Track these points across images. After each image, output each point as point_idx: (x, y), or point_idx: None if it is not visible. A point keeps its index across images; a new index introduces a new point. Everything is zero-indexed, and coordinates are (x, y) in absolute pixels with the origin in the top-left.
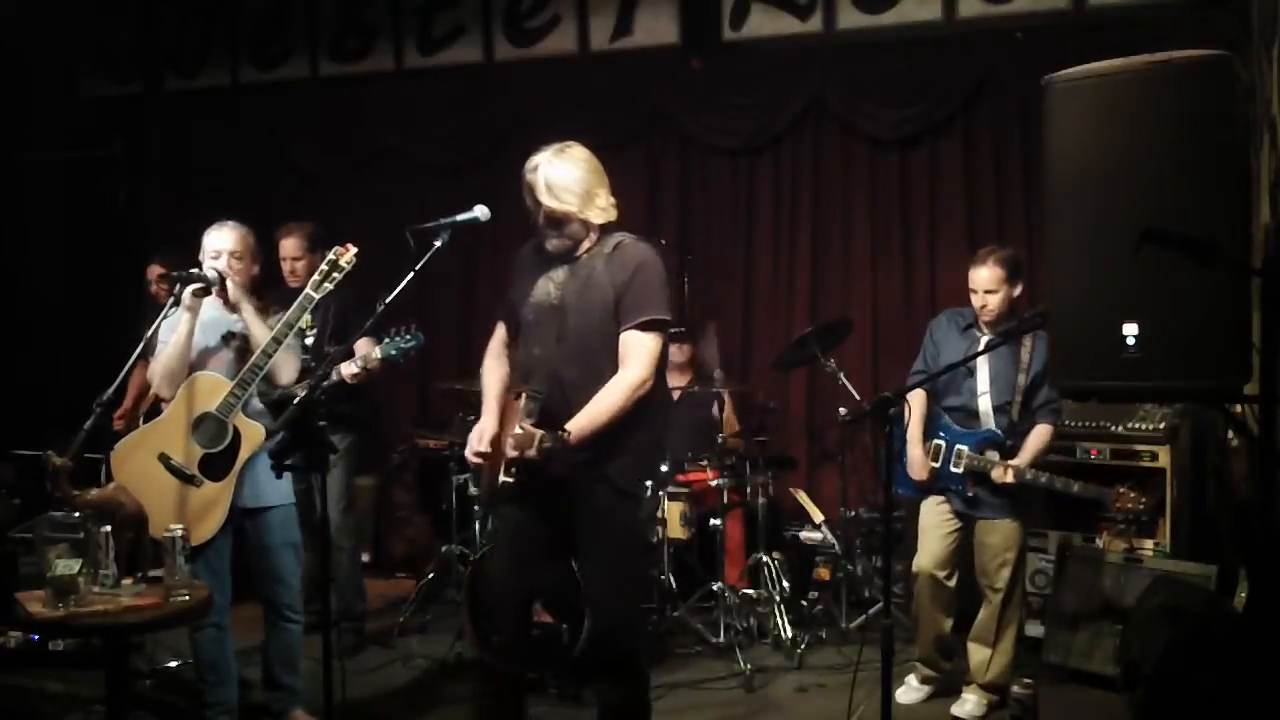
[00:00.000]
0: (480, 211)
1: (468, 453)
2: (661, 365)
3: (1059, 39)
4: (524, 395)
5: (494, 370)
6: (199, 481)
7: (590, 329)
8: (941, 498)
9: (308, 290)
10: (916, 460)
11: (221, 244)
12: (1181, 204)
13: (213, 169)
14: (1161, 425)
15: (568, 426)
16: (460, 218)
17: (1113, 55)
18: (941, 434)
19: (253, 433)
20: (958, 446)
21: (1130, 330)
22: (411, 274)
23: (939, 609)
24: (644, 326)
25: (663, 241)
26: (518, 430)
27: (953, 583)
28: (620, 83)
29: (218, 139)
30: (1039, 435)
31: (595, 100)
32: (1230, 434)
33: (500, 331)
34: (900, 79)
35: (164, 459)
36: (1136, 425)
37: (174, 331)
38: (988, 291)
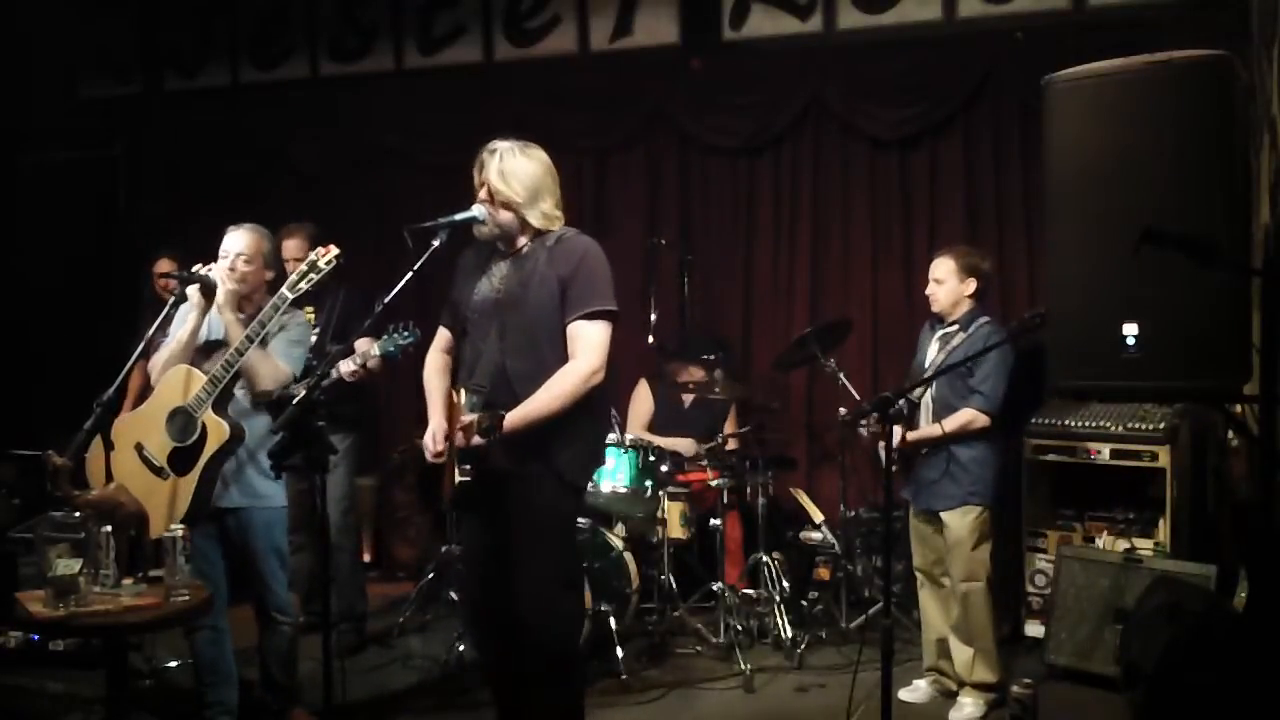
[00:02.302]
0: (479, 210)
1: (428, 457)
2: (611, 357)
3: (1059, 39)
4: (464, 390)
5: (437, 373)
6: (166, 474)
7: (534, 322)
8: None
9: (283, 290)
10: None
11: (232, 245)
12: (1181, 204)
13: (213, 169)
14: (1161, 425)
15: (514, 417)
16: (459, 217)
17: (1113, 55)
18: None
19: (217, 429)
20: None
21: (1130, 330)
22: (410, 273)
23: (938, 608)
24: (591, 317)
25: (663, 241)
26: (467, 424)
27: (949, 581)
28: (620, 83)
29: (218, 139)
30: (956, 417)
31: (595, 100)
32: (1230, 434)
33: (443, 334)
34: (900, 79)
35: (139, 449)
36: (1136, 425)
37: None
38: (935, 280)
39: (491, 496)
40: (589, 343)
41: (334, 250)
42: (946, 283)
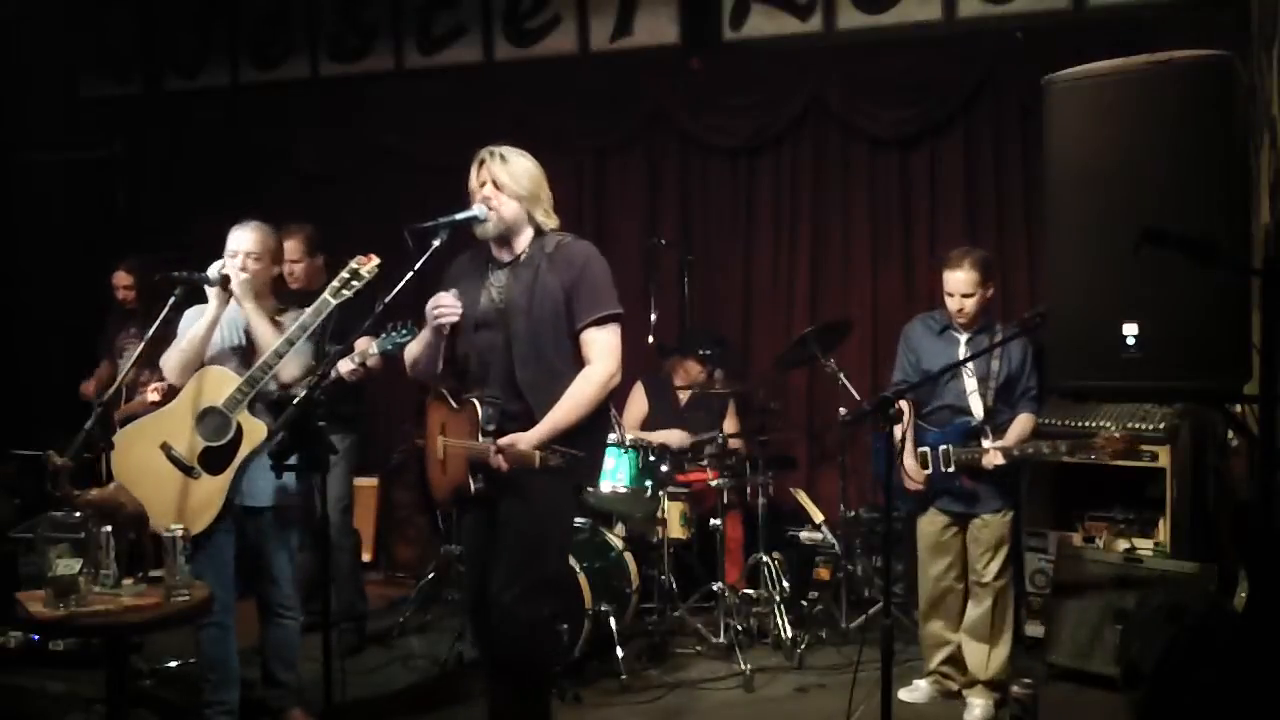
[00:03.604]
0: (479, 210)
1: (441, 315)
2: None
3: (1059, 39)
4: (478, 402)
5: None
6: (197, 474)
7: (539, 330)
8: (936, 508)
9: (325, 296)
10: (911, 469)
11: (239, 244)
12: (1181, 204)
13: (213, 169)
14: (1161, 425)
15: (541, 431)
16: (459, 216)
17: (1113, 55)
18: (928, 440)
19: (254, 430)
20: (943, 448)
21: (1130, 330)
22: (410, 273)
23: (945, 618)
24: (601, 322)
25: (662, 241)
26: (506, 448)
27: (961, 586)
28: (620, 83)
29: (218, 139)
30: (1021, 422)
31: (595, 100)
32: (1230, 434)
33: None
34: (900, 79)
35: (165, 448)
36: (1136, 425)
37: (193, 323)
38: (964, 295)
39: (497, 493)
40: (603, 348)
41: (375, 260)
42: (975, 295)
